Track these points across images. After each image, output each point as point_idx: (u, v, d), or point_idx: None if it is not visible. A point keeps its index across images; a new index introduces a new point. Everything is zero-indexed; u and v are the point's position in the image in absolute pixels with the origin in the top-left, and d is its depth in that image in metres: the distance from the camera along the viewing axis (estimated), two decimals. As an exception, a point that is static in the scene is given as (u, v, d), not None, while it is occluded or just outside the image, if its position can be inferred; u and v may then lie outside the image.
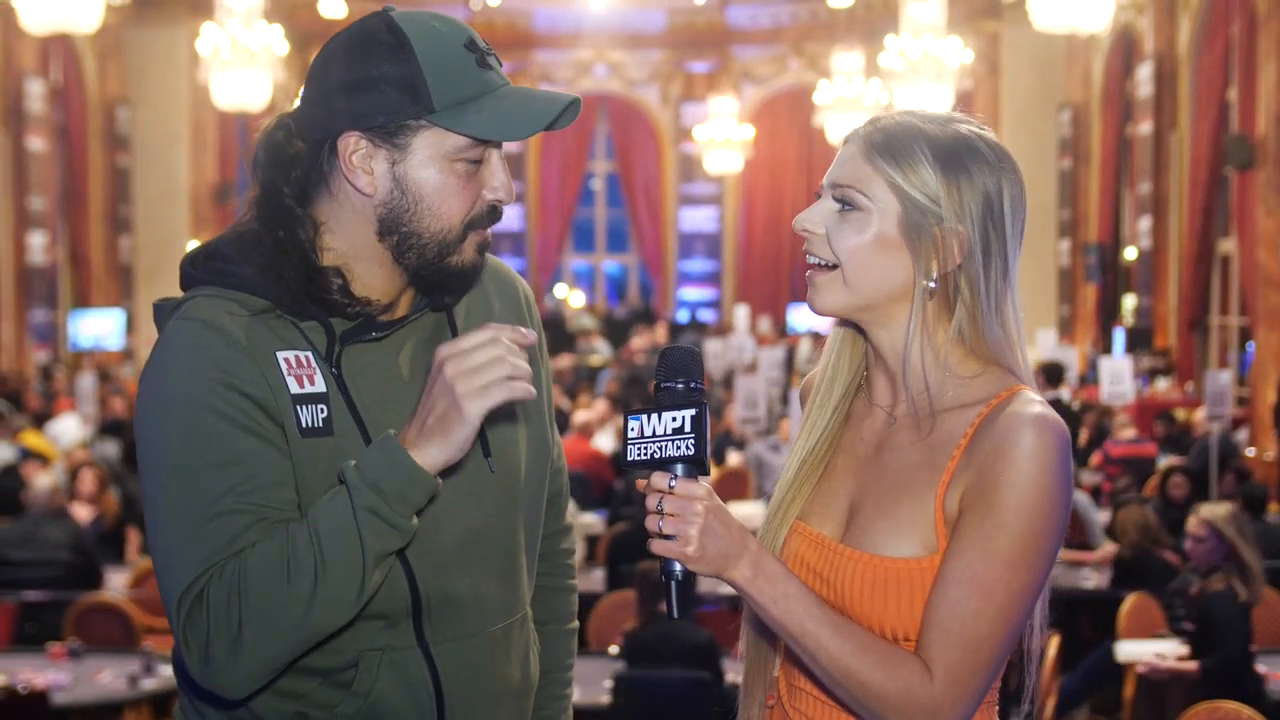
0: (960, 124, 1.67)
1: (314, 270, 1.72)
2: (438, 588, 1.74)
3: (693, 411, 1.54)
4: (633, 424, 1.57)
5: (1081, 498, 8.11)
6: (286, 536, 1.60)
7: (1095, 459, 10.17)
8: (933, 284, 1.63)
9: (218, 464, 1.63)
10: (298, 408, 1.68)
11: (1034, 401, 1.60)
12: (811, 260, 1.68)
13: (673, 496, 1.54)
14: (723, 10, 22.15)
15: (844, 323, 1.75)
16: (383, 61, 1.68)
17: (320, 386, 1.70)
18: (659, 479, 1.55)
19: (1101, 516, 8.26)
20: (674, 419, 1.55)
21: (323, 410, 1.69)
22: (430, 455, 1.59)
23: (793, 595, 1.56)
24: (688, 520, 1.53)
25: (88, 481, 8.21)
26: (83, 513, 7.92)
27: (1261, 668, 5.42)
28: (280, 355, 1.69)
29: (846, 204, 1.65)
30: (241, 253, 1.73)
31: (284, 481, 1.66)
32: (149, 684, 5.44)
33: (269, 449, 1.65)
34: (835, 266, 1.65)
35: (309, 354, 1.71)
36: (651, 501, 1.54)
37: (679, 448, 1.54)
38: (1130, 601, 6.30)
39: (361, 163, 1.70)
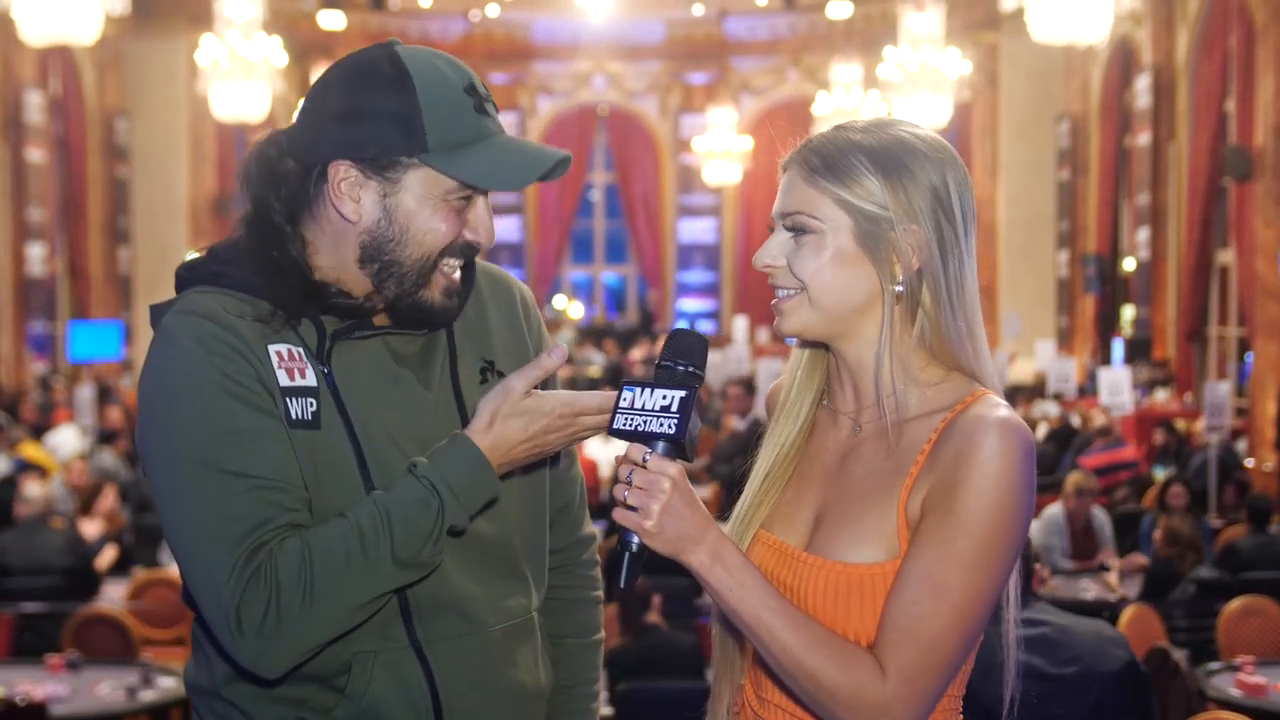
0: (893, 126, 1.68)
1: (309, 281, 1.75)
2: (425, 586, 1.75)
3: (682, 393, 1.56)
4: (626, 394, 1.59)
5: (1099, 513, 8.05)
6: (350, 516, 1.65)
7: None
8: (899, 287, 1.64)
9: (232, 431, 1.65)
10: (287, 400, 1.70)
11: (998, 405, 1.60)
12: (780, 293, 1.69)
13: (643, 470, 1.55)
14: (721, 22, 22.19)
15: (808, 343, 1.76)
16: (381, 94, 1.70)
17: (310, 380, 1.72)
18: (635, 450, 1.57)
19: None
20: (664, 397, 1.57)
21: (311, 404, 1.71)
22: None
23: (749, 584, 1.56)
24: (652, 495, 1.54)
25: (109, 498, 8.20)
26: (91, 529, 7.83)
27: (1261, 678, 5.42)
28: (272, 348, 1.71)
29: (799, 230, 1.66)
30: (237, 257, 1.76)
31: (290, 457, 1.68)
32: (147, 696, 5.42)
33: (273, 421, 1.68)
34: (802, 290, 1.66)
35: (300, 349, 1.73)
36: (623, 471, 1.57)
37: (662, 425, 1.56)
38: (1130, 612, 6.29)
39: (350, 190, 1.72)
